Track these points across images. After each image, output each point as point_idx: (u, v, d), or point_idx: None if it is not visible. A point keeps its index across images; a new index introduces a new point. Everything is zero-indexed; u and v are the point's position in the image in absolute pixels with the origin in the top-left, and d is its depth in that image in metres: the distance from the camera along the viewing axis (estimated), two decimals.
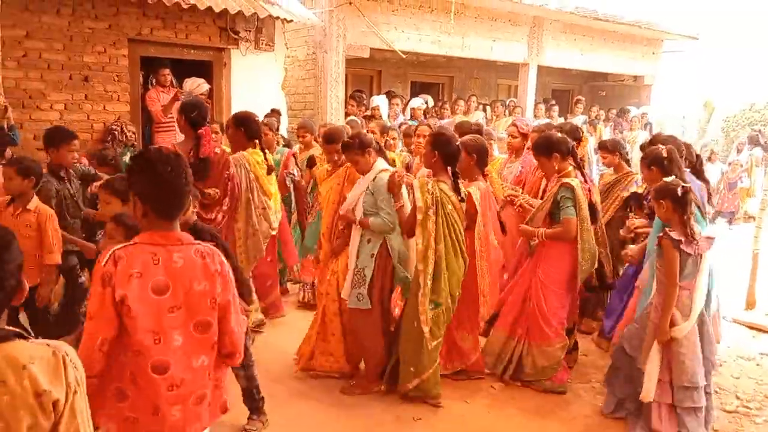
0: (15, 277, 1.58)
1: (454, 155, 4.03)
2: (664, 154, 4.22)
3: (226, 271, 2.29)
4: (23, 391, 1.49)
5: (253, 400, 3.70)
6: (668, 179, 3.78)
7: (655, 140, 4.98)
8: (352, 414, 3.99)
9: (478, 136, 4.80)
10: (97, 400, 2.09)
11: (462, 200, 4.06)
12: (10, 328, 1.57)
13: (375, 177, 4.16)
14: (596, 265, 4.39)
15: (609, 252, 5.08)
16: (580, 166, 4.45)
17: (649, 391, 3.65)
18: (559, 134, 4.48)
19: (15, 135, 5.39)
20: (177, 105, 7.19)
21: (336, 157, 4.66)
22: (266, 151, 4.88)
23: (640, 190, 5.15)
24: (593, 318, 5.50)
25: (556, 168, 4.34)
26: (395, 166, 5.44)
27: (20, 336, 1.57)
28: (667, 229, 3.63)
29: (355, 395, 4.22)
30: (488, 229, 4.33)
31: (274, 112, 7.78)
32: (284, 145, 6.73)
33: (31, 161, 4.15)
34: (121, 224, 3.07)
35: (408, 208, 4.13)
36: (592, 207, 4.36)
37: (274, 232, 5.01)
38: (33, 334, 3.30)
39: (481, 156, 4.41)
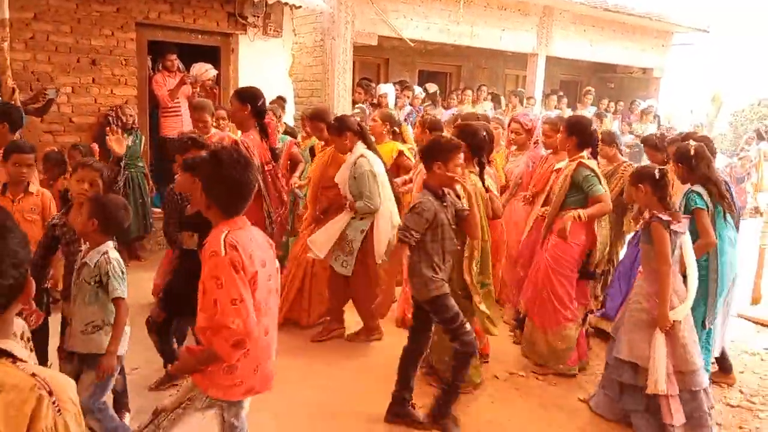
0: (9, 276, 1.28)
1: (481, 145, 4.11)
2: (692, 152, 4.20)
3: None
4: None
5: None
6: (645, 164, 3.82)
7: (687, 138, 4.96)
8: (354, 403, 4.00)
9: (485, 123, 4.93)
10: (209, 378, 2.42)
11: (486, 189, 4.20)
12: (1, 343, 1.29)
13: (355, 162, 4.49)
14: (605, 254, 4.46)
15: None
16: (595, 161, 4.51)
17: (658, 382, 3.55)
18: (593, 128, 4.51)
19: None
20: (187, 92, 7.22)
21: (319, 136, 5.12)
22: None
23: None
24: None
25: (567, 148, 4.40)
26: (410, 156, 5.55)
27: (9, 355, 1.28)
28: (654, 211, 3.63)
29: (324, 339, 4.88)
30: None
31: (279, 99, 7.75)
32: (284, 133, 6.60)
33: (31, 146, 4.10)
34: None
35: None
36: None
37: None
38: None
39: (489, 144, 4.55)
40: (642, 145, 6.50)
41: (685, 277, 3.72)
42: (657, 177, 3.61)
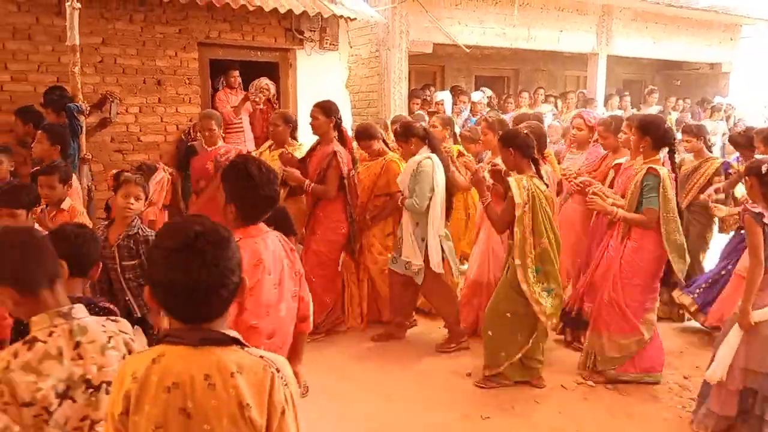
0: (237, 275, 1.52)
1: (527, 145, 4.17)
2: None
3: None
4: (229, 399, 1.45)
5: None
6: (760, 156, 3.68)
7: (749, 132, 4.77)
8: (417, 410, 3.97)
9: (535, 121, 5.26)
10: None
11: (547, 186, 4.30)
12: (229, 332, 1.53)
13: (420, 161, 4.62)
14: (688, 259, 4.24)
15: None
16: (672, 162, 4.33)
17: (716, 372, 3.47)
18: (667, 126, 4.36)
19: None
20: (249, 108, 7.39)
21: (368, 151, 5.27)
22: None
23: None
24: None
25: (642, 151, 4.25)
26: (464, 156, 5.54)
27: (237, 342, 1.53)
28: (749, 204, 3.54)
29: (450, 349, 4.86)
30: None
31: None
32: None
33: (66, 166, 4.19)
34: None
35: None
36: None
37: None
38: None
39: (539, 140, 4.74)
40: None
41: None
42: (764, 172, 3.48)
